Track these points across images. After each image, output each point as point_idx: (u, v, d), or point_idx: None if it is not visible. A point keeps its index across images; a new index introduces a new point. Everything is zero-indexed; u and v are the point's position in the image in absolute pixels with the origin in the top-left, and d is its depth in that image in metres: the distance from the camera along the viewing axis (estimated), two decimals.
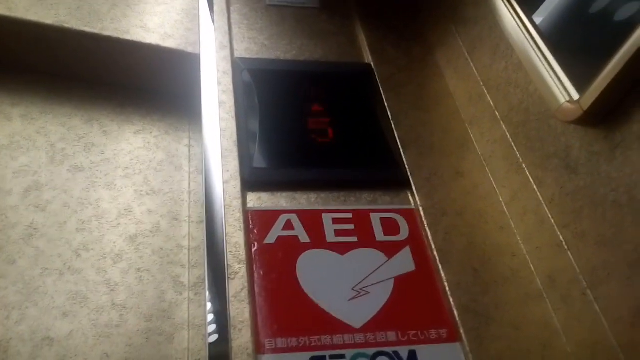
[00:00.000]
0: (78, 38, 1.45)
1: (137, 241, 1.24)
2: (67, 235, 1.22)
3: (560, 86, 1.06)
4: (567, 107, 1.00)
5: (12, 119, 1.42)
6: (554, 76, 1.08)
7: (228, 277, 0.99)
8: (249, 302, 0.97)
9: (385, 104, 1.37)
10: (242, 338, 0.92)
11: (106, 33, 1.45)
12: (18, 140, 1.38)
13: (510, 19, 1.21)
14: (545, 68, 1.10)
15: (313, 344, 0.94)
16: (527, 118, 1.13)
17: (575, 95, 1.01)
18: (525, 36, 1.16)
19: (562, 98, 1.02)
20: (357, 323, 0.98)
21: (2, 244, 1.18)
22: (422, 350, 0.95)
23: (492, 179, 1.22)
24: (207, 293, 0.98)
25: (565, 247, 0.98)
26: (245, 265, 1.02)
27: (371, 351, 0.94)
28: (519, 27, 1.18)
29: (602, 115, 0.94)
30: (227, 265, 1.01)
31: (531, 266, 1.07)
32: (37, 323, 1.08)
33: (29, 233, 1.20)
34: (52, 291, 1.12)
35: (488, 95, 1.27)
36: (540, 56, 1.11)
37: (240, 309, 0.96)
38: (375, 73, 1.46)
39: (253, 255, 1.05)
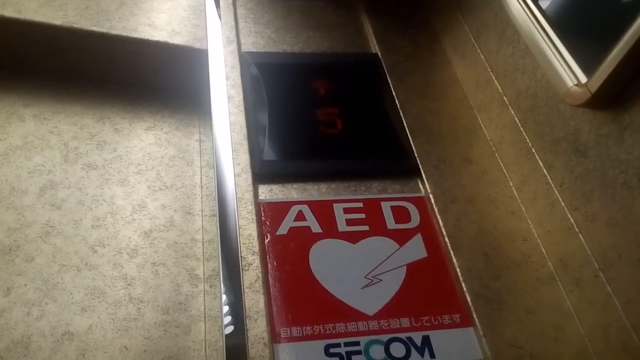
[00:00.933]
0: (87, 37, 1.47)
1: (152, 236, 1.25)
2: (83, 232, 1.24)
3: (567, 70, 1.05)
4: (575, 90, 1.00)
5: (25, 119, 1.44)
6: (561, 60, 1.08)
7: (242, 269, 1.01)
8: (264, 292, 0.98)
9: (393, 92, 1.37)
10: (257, 328, 0.93)
11: (114, 32, 1.47)
12: (32, 140, 1.40)
13: (516, 4, 1.21)
14: (553, 52, 1.09)
15: (327, 332, 0.95)
16: (536, 103, 1.13)
17: (583, 79, 1.01)
18: (532, 21, 1.16)
19: (569, 82, 1.02)
20: (371, 310, 0.99)
21: (20, 242, 1.20)
22: (435, 336, 0.96)
23: (501, 164, 1.22)
24: (222, 285, 0.99)
25: (576, 230, 0.99)
26: (258, 257, 1.03)
27: (385, 337, 0.95)
28: (525, 11, 1.18)
29: (610, 98, 0.94)
30: (241, 256, 1.02)
31: (543, 250, 1.08)
32: (56, 318, 1.10)
33: (45, 231, 1.23)
34: (70, 287, 1.14)
35: (496, 81, 1.27)
36: (547, 40, 1.10)
37: (255, 300, 0.97)
38: (382, 62, 1.46)
39: (266, 247, 1.06)
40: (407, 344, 0.95)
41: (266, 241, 1.08)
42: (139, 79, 1.58)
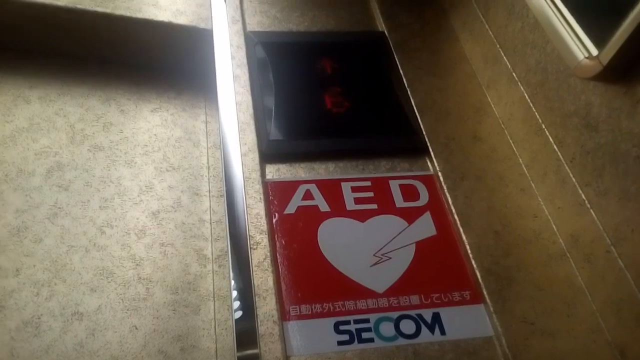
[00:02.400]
0: (91, 18, 1.45)
1: (160, 216, 1.25)
2: (91, 213, 1.23)
3: (578, 43, 1.04)
4: (586, 63, 0.98)
5: (30, 101, 1.44)
6: (571, 33, 1.06)
7: (250, 248, 1.00)
8: (272, 270, 0.98)
9: (400, 70, 1.35)
10: (267, 306, 0.93)
11: (118, 12, 1.45)
12: (38, 122, 1.39)
13: None
14: (563, 25, 1.08)
15: (337, 310, 0.95)
16: (546, 78, 1.11)
17: (594, 51, 0.99)
18: None
19: (580, 55, 1.00)
20: (380, 288, 0.99)
21: (28, 223, 1.20)
22: (445, 312, 0.96)
23: (511, 141, 1.21)
24: (231, 264, 0.99)
25: (588, 205, 0.98)
26: (266, 236, 1.03)
27: (395, 315, 0.95)
28: None
29: (622, 70, 0.92)
30: (249, 236, 1.02)
31: (553, 227, 1.07)
32: (66, 299, 1.10)
33: (53, 212, 1.23)
34: (79, 267, 1.14)
35: (504, 57, 1.25)
36: (557, 13, 1.09)
37: (263, 278, 0.97)
38: (389, 40, 1.44)
39: (274, 226, 1.06)
40: (417, 321, 0.94)
41: (274, 220, 1.07)
42: (143, 59, 1.56)
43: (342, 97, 1.32)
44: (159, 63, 1.58)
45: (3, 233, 1.18)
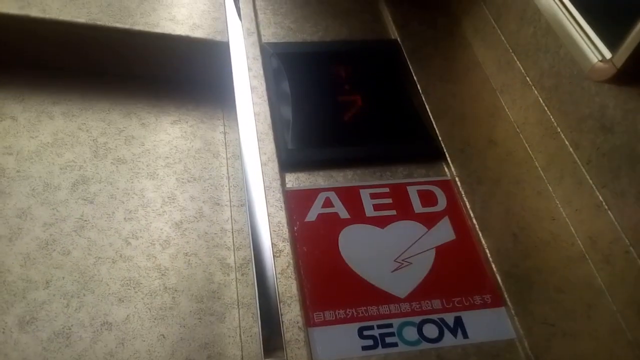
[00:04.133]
0: (110, 34, 1.49)
1: (183, 227, 1.28)
2: (116, 225, 1.27)
3: (591, 46, 1.05)
4: (600, 66, 1.00)
5: (54, 117, 1.48)
6: (584, 36, 1.07)
7: (274, 255, 1.03)
8: (296, 277, 1.00)
9: (414, 77, 1.37)
10: (291, 312, 0.96)
11: (137, 28, 1.49)
12: (62, 137, 1.43)
13: None
14: (575, 29, 1.09)
15: (360, 315, 0.97)
16: (559, 81, 1.13)
17: (608, 54, 1.01)
18: None
19: (594, 58, 1.02)
20: (402, 293, 1.00)
21: (55, 236, 1.23)
22: (467, 316, 0.97)
23: (526, 145, 1.22)
24: (255, 272, 1.01)
25: (605, 207, 0.99)
26: (289, 243, 1.05)
27: (417, 319, 0.97)
28: None
29: (636, 72, 0.94)
30: (272, 244, 1.04)
31: (571, 229, 1.08)
32: (95, 309, 1.13)
33: (80, 225, 1.26)
34: (106, 279, 1.17)
35: (517, 62, 1.27)
36: (569, 17, 1.10)
37: (287, 285, 0.99)
38: (402, 47, 1.46)
39: (296, 233, 1.08)
40: (440, 325, 0.96)
41: (295, 228, 1.09)
42: (162, 73, 1.60)
43: (358, 105, 1.34)
44: (177, 76, 1.61)
45: (32, 246, 1.21)
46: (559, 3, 1.13)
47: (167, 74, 1.60)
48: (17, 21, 1.48)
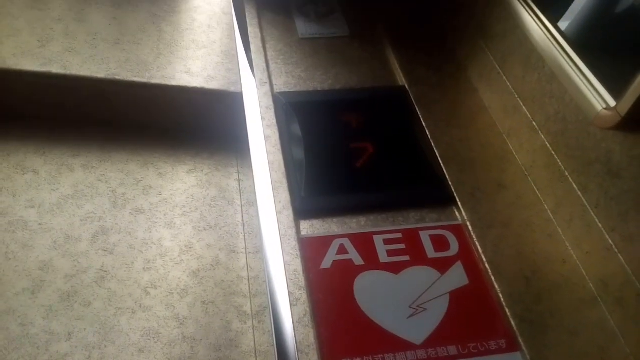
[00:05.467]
0: (129, 88, 1.55)
1: (200, 275, 1.31)
2: (135, 275, 1.30)
3: (595, 94, 1.09)
4: (605, 114, 1.03)
5: (74, 169, 1.53)
6: (588, 84, 1.11)
7: (291, 304, 1.05)
8: (313, 326, 1.02)
9: (423, 123, 1.41)
10: None
11: (154, 81, 1.55)
12: (82, 189, 1.48)
13: (538, 30, 1.25)
14: (579, 77, 1.13)
15: None
16: (565, 127, 1.16)
17: (612, 101, 1.04)
18: (555, 46, 1.19)
19: (598, 106, 1.05)
20: (418, 339, 1.02)
21: (77, 288, 1.27)
22: None
23: (535, 188, 1.25)
24: (272, 321, 1.03)
25: (615, 250, 1.00)
26: (305, 291, 1.07)
27: None
28: (547, 37, 1.22)
29: None
30: (289, 292, 1.06)
31: (582, 271, 1.09)
32: None
33: (100, 276, 1.29)
34: (126, 329, 1.20)
35: (524, 107, 1.30)
36: (572, 65, 1.14)
37: (305, 334, 1.01)
38: (410, 94, 1.50)
39: (312, 281, 1.10)
40: None
41: (311, 276, 1.11)
42: (178, 123, 1.65)
43: (369, 151, 1.37)
44: (192, 126, 1.67)
45: (54, 298, 1.24)
46: (560, 50, 1.17)
47: (183, 124, 1.66)
48: (39, 77, 1.54)
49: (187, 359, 1.16)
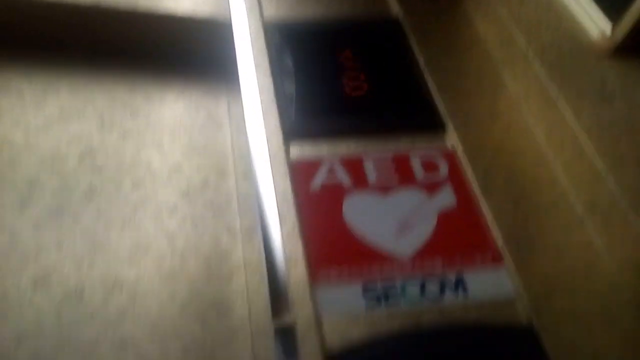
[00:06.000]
0: (115, 15, 1.51)
1: (189, 195, 1.31)
2: (124, 194, 1.29)
3: (591, 22, 1.09)
4: (600, 41, 1.03)
5: (59, 92, 1.50)
6: (584, 12, 1.11)
7: (280, 220, 1.05)
8: (301, 240, 1.03)
9: (417, 53, 1.40)
10: (297, 272, 0.98)
11: (141, 9, 1.51)
12: (68, 111, 1.45)
13: None
14: (575, 4, 1.13)
15: (364, 275, 1.00)
16: (560, 55, 1.16)
17: (607, 29, 1.04)
18: None
19: (594, 33, 1.05)
20: (405, 254, 1.04)
21: (65, 204, 1.26)
22: (469, 275, 1.01)
23: (527, 116, 1.25)
24: (262, 235, 1.04)
25: (605, 173, 1.02)
26: (294, 210, 1.08)
27: (420, 278, 1.00)
28: None
29: (635, 47, 0.97)
30: (278, 210, 1.07)
31: (571, 195, 1.11)
32: (106, 271, 1.16)
33: (88, 194, 1.29)
34: (116, 243, 1.21)
35: (519, 37, 1.30)
36: None
37: (293, 247, 1.02)
38: (404, 25, 1.49)
39: (301, 200, 1.11)
40: (441, 283, 0.99)
41: (300, 195, 1.12)
42: (167, 51, 1.61)
43: (361, 80, 1.36)
44: (180, 53, 1.62)
45: (43, 213, 1.24)
46: None
47: (171, 51, 1.62)
48: (23, 4, 1.49)
49: (178, 272, 1.17)
